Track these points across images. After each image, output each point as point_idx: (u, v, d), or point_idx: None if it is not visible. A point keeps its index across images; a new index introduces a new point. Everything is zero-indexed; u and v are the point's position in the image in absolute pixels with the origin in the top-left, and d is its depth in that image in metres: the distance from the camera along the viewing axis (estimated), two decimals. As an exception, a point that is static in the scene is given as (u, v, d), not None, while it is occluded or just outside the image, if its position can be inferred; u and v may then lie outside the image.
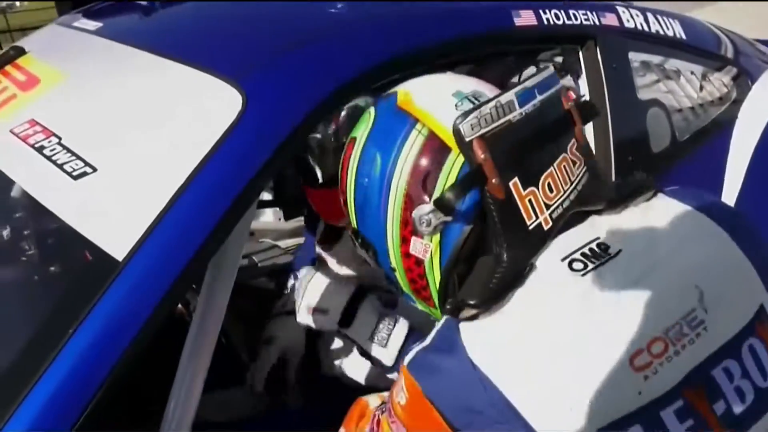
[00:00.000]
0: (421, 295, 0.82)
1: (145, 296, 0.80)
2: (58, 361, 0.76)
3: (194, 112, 0.94)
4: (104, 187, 0.89)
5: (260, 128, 0.91)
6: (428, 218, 0.73)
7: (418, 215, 0.74)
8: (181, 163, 0.87)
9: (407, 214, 0.76)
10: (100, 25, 1.27)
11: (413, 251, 0.78)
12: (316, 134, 0.99)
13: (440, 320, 0.73)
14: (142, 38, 1.15)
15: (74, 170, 0.90)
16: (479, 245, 0.76)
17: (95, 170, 0.90)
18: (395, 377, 0.77)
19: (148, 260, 0.81)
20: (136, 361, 0.79)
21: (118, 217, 0.86)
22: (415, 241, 0.77)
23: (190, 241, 0.83)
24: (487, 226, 0.74)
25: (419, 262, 0.78)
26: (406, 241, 0.78)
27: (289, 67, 0.97)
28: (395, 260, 0.80)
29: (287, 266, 1.66)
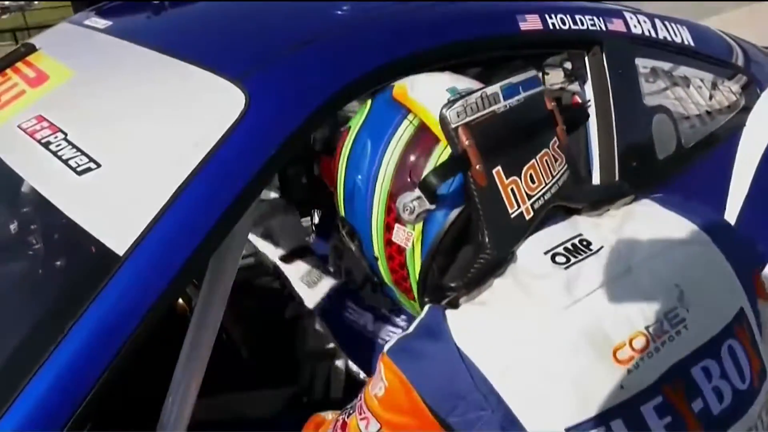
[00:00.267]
0: (401, 285, 0.82)
1: (144, 291, 0.81)
2: (56, 354, 0.76)
3: (197, 110, 0.95)
4: (107, 182, 0.90)
5: (262, 127, 0.91)
6: (412, 205, 0.74)
7: (402, 202, 0.75)
8: (183, 160, 0.88)
9: (392, 202, 0.77)
10: (109, 23, 1.28)
11: (396, 239, 0.78)
12: None
13: (422, 310, 0.73)
14: (149, 37, 1.16)
15: (79, 166, 0.91)
16: (461, 238, 0.76)
17: (99, 166, 0.91)
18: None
19: (148, 255, 0.82)
20: (134, 355, 0.80)
21: (120, 212, 0.87)
22: (398, 228, 0.78)
23: (190, 237, 0.84)
24: (470, 217, 0.74)
25: (401, 250, 0.79)
26: (389, 228, 0.78)
27: (292, 67, 0.97)
28: (378, 248, 0.81)
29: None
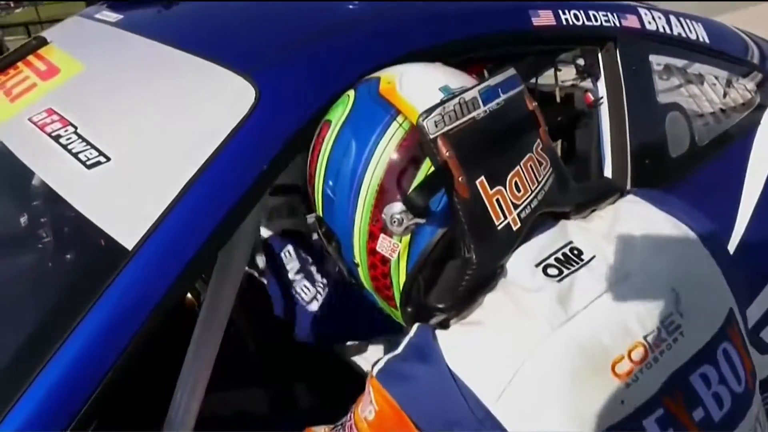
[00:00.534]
0: (383, 293, 0.78)
1: (153, 286, 0.81)
2: (63, 350, 0.76)
3: (207, 104, 0.94)
4: (117, 176, 0.89)
5: (272, 121, 0.91)
6: (399, 217, 0.70)
7: (389, 213, 0.71)
8: (192, 154, 0.87)
9: (378, 210, 0.72)
10: (120, 17, 1.28)
11: (380, 249, 0.74)
12: None
13: (411, 329, 0.70)
14: (159, 30, 1.16)
15: (88, 159, 0.91)
16: (449, 250, 0.72)
17: (109, 159, 0.91)
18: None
19: (157, 249, 0.82)
20: (143, 349, 0.79)
21: (129, 206, 0.87)
22: (383, 238, 0.73)
23: (200, 231, 0.84)
24: (455, 227, 0.71)
25: (385, 260, 0.74)
26: (373, 237, 0.74)
27: (302, 61, 0.97)
28: (359, 255, 0.76)
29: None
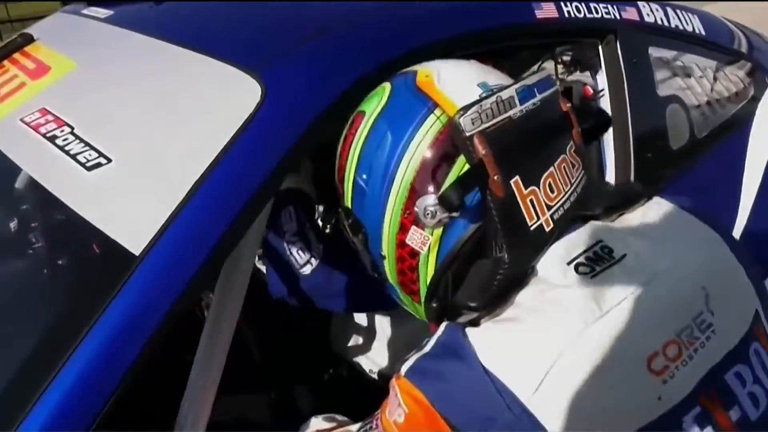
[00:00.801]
0: (407, 288, 0.77)
1: (163, 292, 0.78)
2: (73, 358, 0.74)
3: (212, 102, 0.92)
4: (119, 178, 0.86)
5: (279, 120, 0.88)
6: (433, 209, 0.69)
7: (422, 205, 0.70)
8: (198, 155, 0.84)
9: (411, 202, 0.71)
10: (110, 13, 1.24)
11: (410, 241, 0.73)
12: None
13: (439, 328, 0.69)
14: (155, 26, 1.12)
15: (88, 161, 0.88)
16: (480, 247, 0.72)
17: (110, 161, 0.87)
18: None
19: (166, 254, 0.79)
20: (151, 358, 0.77)
21: (135, 209, 0.84)
22: (414, 231, 0.72)
23: (208, 235, 0.81)
24: (487, 226, 0.70)
25: (414, 253, 0.73)
26: (404, 229, 0.73)
27: (308, 58, 0.94)
28: (387, 248, 0.75)
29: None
